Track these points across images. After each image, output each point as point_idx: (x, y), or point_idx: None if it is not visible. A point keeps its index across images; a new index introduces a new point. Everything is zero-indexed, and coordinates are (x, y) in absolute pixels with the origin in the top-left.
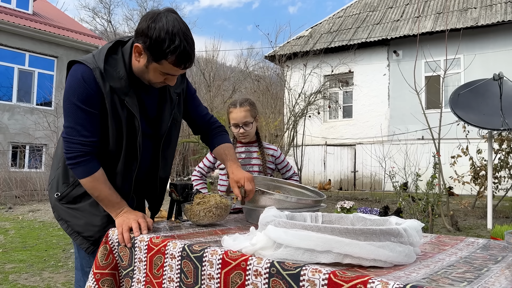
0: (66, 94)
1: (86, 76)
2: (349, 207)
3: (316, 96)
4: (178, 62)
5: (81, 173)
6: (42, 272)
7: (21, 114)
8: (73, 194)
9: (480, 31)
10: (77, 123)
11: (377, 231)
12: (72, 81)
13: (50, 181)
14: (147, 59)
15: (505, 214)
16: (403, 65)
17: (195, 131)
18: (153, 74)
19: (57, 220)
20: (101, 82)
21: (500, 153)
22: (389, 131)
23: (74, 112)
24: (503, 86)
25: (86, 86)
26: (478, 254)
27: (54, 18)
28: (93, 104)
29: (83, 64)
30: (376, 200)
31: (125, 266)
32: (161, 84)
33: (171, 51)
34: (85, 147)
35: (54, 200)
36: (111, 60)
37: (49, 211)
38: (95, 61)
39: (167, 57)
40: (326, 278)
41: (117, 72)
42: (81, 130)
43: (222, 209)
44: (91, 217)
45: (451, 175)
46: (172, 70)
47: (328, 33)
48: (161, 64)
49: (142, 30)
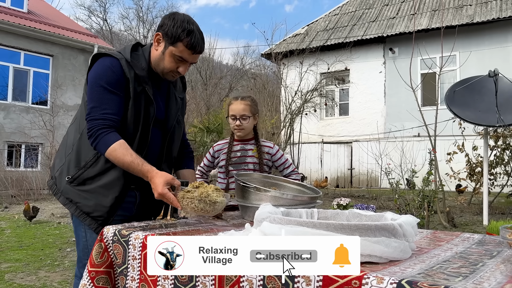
0: (93, 79)
1: (114, 64)
2: (345, 204)
3: (313, 93)
4: (192, 44)
5: (102, 145)
6: (38, 271)
7: (16, 113)
8: (84, 176)
9: (476, 28)
10: (101, 102)
11: (372, 226)
12: (99, 69)
13: (59, 168)
14: (164, 45)
15: (501, 210)
16: (399, 63)
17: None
18: (168, 60)
19: (64, 205)
20: (127, 70)
21: (496, 150)
22: (385, 128)
23: (100, 93)
24: (499, 83)
25: (114, 71)
26: (473, 249)
27: (49, 17)
28: (119, 88)
29: (110, 56)
30: (372, 197)
31: (120, 264)
32: (174, 75)
33: (186, 33)
34: (106, 121)
35: (65, 183)
36: (134, 55)
37: (46, 210)
38: (121, 54)
39: (182, 39)
40: (321, 274)
41: (140, 63)
42: (105, 108)
43: (206, 204)
44: (101, 198)
45: (447, 171)
46: (185, 54)
47: (324, 31)
48: (177, 47)
49: (162, 23)
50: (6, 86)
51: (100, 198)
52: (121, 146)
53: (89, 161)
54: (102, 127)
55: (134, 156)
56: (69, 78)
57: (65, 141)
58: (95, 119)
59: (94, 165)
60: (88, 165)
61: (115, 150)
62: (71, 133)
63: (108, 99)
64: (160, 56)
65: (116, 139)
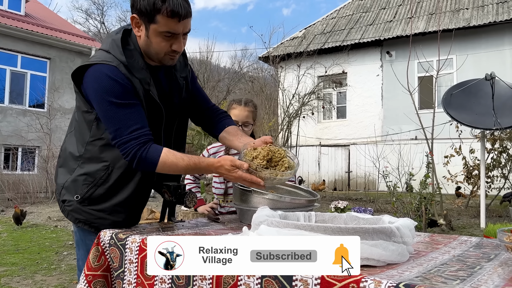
0: (100, 97)
1: (114, 74)
2: (343, 207)
3: (310, 96)
4: (173, 11)
5: (149, 165)
6: (35, 275)
7: (13, 116)
8: (95, 194)
9: (472, 32)
10: (121, 121)
11: (370, 230)
12: (101, 83)
13: (64, 183)
14: (145, 26)
15: (498, 213)
16: (396, 66)
17: (198, 117)
18: (157, 42)
19: (75, 223)
20: (129, 75)
21: (493, 153)
22: (382, 131)
23: (114, 111)
24: (495, 86)
25: (118, 81)
26: (471, 252)
27: (47, 20)
28: (130, 96)
29: (103, 64)
30: (370, 200)
31: (116, 268)
32: (171, 57)
33: (160, 1)
34: (138, 139)
35: (75, 203)
36: (127, 52)
37: (42, 214)
38: (114, 57)
39: (160, 10)
40: (319, 277)
41: (137, 63)
42: (129, 126)
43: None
44: (116, 215)
45: (444, 174)
46: (171, 25)
47: (322, 34)
48: (158, 23)
49: (132, 1)
50: (3, 89)
51: (116, 216)
52: (168, 156)
53: (99, 178)
54: (138, 147)
55: (186, 159)
56: (67, 81)
57: (66, 152)
58: (125, 142)
59: (105, 182)
60: (99, 183)
61: (165, 163)
62: (72, 145)
63: (126, 114)
64: (146, 41)
65: (158, 153)
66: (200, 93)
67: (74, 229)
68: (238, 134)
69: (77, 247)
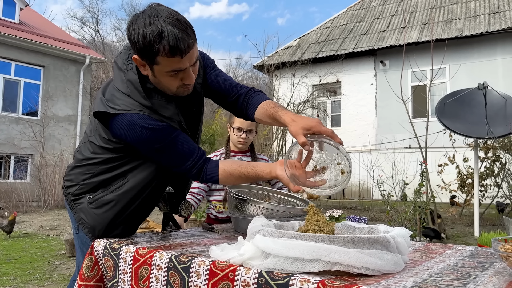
0: (143, 147)
1: (149, 123)
2: (337, 216)
3: (305, 105)
4: (171, 50)
5: (212, 179)
6: (26, 285)
7: (6, 124)
8: (104, 199)
9: (465, 42)
10: (172, 159)
11: (365, 239)
12: (139, 135)
13: (82, 180)
14: (149, 67)
15: (492, 222)
16: (389, 75)
17: (224, 104)
18: (165, 81)
19: (78, 222)
20: (162, 118)
21: (486, 161)
22: (376, 140)
23: (162, 154)
24: (488, 95)
25: (155, 129)
26: (466, 261)
27: (41, 27)
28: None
29: (134, 113)
30: (364, 208)
31: (110, 278)
32: (185, 89)
33: (156, 42)
34: (197, 164)
35: (86, 203)
36: (148, 93)
37: (34, 223)
38: (139, 104)
39: (158, 51)
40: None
41: (162, 100)
42: (182, 160)
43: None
44: (108, 224)
45: (438, 183)
46: (174, 64)
47: (316, 43)
48: (160, 64)
49: (129, 41)
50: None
51: (110, 226)
52: (225, 171)
53: (116, 185)
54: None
55: (240, 170)
56: (60, 89)
57: (82, 156)
58: (186, 169)
59: (118, 190)
60: (112, 190)
61: (226, 178)
62: (84, 150)
63: (174, 152)
64: (155, 80)
65: (215, 168)
66: (217, 80)
67: (74, 236)
68: (278, 108)
69: (77, 254)
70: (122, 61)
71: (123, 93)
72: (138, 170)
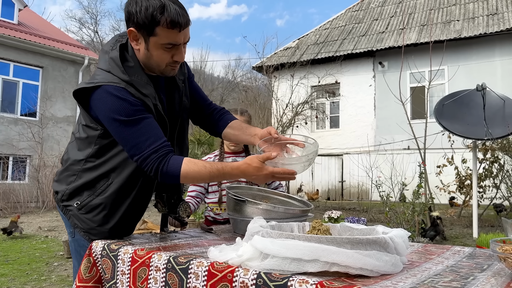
0: (111, 119)
1: (123, 94)
2: (336, 217)
3: (304, 106)
4: (173, 22)
5: (172, 178)
6: (24, 286)
7: (4, 125)
8: (92, 203)
9: (463, 43)
10: (136, 138)
11: (363, 240)
12: (111, 105)
13: (69, 185)
14: (144, 40)
15: (490, 223)
16: (388, 76)
17: (197, 116)
18: (158, 54)
19: (74, 227)
20: (138, 94)
21: (485, 163)
22: (375, 141)
23: (128, 130)
24: (486, 97)
25: (128, 100)
26: (464, 262)
27: (40, 28)
28: (142, 112)
29: (110, 85)
30: (363, 209)
31: (108, 279)
32: (173, 68)
33: (159, 12)
34: (158, 153)
35: (75, 209)
36: (129, 70)
37: (33, 224)
38: (118, 78)
39: (159, 22)
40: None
41: (141, 79)
42: (145, 141)
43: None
44: (102, 227)
45: (436, 184)
46: (172, 36)
47: (315, 45)
48: (158, 35)
49: (128, 14)
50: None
51: (101, 228)
52: (189, 166)
53: (99, 188)
54: (158, 161)
55: (208, 166)
56: (59, 90)
57: (68, 160)
58: (146, 158)
59: (104, 192)
60: (98, 193)
61: (187, 174)
62: (75, 154)
63: (141, 129)
64: (147, 54)
65: (179, 164)
66: (197, 92)
67: (70, 239)
68: (243, 127)
69: (73, 257)
70: (108, 46)
71: (103, 70)
72: (120, 169)
